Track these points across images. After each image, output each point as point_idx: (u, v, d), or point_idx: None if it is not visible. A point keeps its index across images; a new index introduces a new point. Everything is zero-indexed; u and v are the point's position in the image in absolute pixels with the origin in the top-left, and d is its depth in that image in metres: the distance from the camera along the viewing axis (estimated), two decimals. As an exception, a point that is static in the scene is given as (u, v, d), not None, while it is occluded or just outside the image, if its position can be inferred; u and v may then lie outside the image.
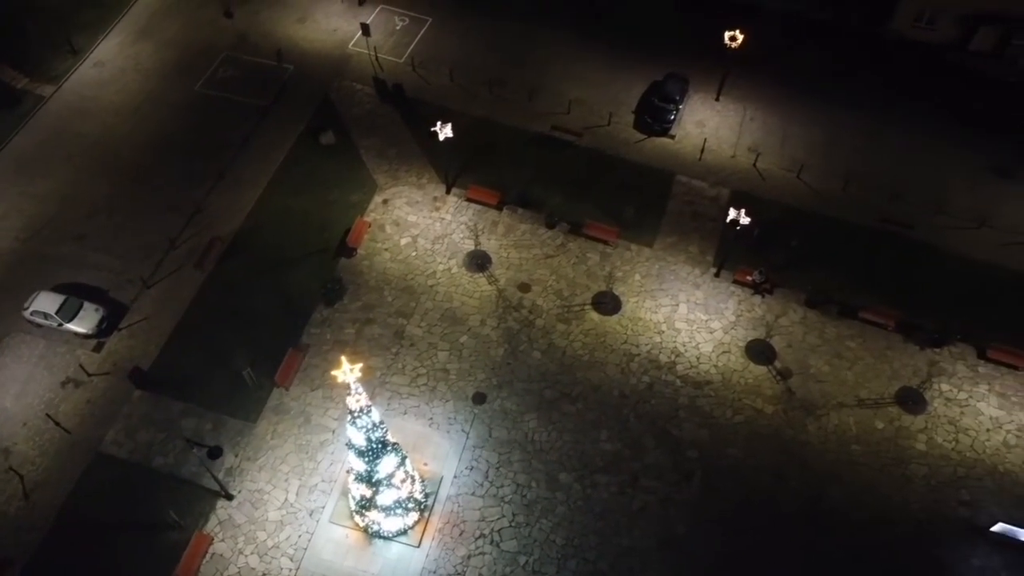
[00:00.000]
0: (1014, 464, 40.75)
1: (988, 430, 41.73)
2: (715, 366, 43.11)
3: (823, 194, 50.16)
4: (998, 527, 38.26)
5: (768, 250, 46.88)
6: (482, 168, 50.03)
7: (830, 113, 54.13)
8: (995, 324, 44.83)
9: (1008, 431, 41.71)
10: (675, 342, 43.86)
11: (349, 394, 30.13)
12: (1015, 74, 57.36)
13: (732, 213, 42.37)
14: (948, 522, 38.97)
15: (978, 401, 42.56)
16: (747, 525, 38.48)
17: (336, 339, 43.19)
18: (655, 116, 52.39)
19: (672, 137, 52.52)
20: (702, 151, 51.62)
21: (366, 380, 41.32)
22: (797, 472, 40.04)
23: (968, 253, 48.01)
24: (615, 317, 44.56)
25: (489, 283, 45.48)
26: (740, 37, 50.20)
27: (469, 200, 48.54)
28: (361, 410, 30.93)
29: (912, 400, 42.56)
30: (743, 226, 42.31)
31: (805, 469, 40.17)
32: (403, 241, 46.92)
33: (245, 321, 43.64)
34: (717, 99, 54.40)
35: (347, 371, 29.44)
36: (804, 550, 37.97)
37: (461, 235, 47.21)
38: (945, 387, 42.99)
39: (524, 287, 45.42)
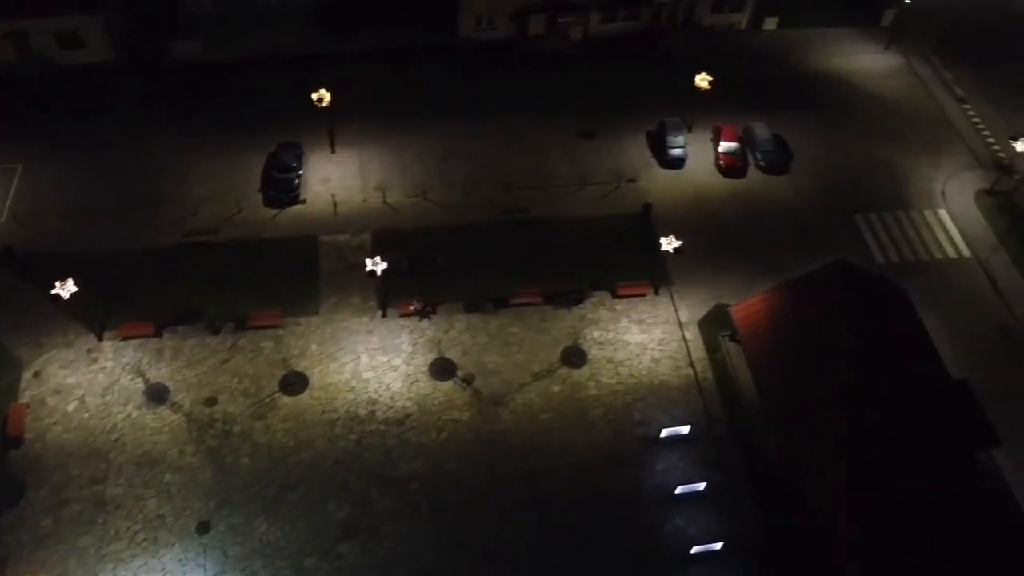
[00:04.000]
0: (664, 374, 49.25)
1: (638, 355, 49.90)
2: (409, 399, 47.05)
3: (450, 207, 55.71)
4: (665, 432, 46.45)
5: (421, 275, 51.41)
6: (129, 302, 49.25)
7: (434, 130, 59.75)
8: (612, 265, 53.01)
9: (652, 349, 50.17)
10: (367, 392, 47.11)
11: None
12: (570, 45, 66.97)
13: (368, 264, 46.10)
14: (631, 445, 46.39)
15: (623, 335, 50.60)
16: (480, 525, 43.06)
17: (34, 536, 41.15)
18: (280, 188, 54.60)
19: (303, 202, 55.10)
20: (335, 206, 54.84)
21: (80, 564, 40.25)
22: (505, 460, 45.30)
23: (580, 212, 56.12)
24: (306, 393, 46.81)
25: (174, 412, 45.57)
26: (327, 96, 53.70)
27: (125, 339, 47.83)
28: (63, 616, 30.78)
29: (575, 356, 49.59)
30: (388, 266, 46.10)
31: (511, 454, 45.56)
32: (70, 407, 45.30)
33: (-77, 563, 40.20)
34: (333, 152, 57.75)
35: (26, 593, 29.14)
36: (536, 524, 43.20)
37: (129, 377, 46.53)
38: (596, 334, 50.54)
39: (210, 401, 46.08)
